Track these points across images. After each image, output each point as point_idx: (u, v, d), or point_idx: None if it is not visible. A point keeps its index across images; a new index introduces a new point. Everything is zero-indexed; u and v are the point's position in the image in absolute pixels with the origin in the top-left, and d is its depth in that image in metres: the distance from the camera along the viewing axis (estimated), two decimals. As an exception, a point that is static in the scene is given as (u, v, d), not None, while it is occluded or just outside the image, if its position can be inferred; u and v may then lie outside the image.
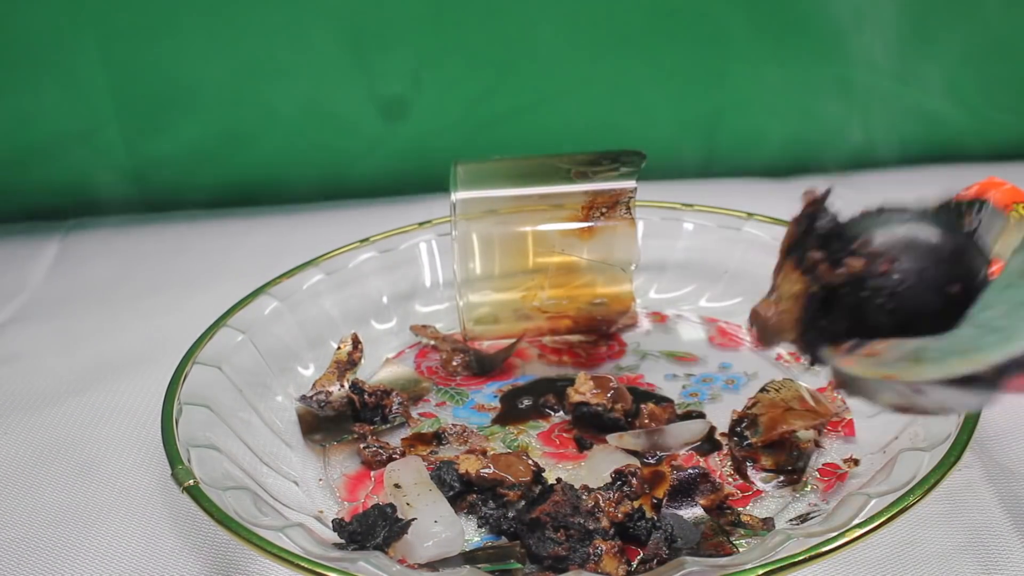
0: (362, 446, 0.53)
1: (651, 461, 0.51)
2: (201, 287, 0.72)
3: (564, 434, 0.54)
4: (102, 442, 0.56)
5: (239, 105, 0.81)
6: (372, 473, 0.52)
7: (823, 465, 0.50)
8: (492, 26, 0.78)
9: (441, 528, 0.45)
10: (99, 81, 0.78)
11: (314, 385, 0.57)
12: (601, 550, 0.44)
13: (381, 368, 0.60)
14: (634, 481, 0.47)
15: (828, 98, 0.82)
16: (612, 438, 0.51)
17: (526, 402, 0.57)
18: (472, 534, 0.47)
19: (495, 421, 0.55)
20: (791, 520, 0.47)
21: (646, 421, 0.53)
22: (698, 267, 0.66)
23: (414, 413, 0.56)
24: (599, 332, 0.61)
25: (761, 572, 0.38)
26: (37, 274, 0.77)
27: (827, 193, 0.41)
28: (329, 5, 0.77)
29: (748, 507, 0.48)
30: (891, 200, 0.41)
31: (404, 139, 0.82)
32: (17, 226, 0.83)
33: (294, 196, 0.84)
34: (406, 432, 0.55)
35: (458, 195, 0.58)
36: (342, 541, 0.45)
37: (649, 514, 0.46)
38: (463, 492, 0.49)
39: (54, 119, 0.80)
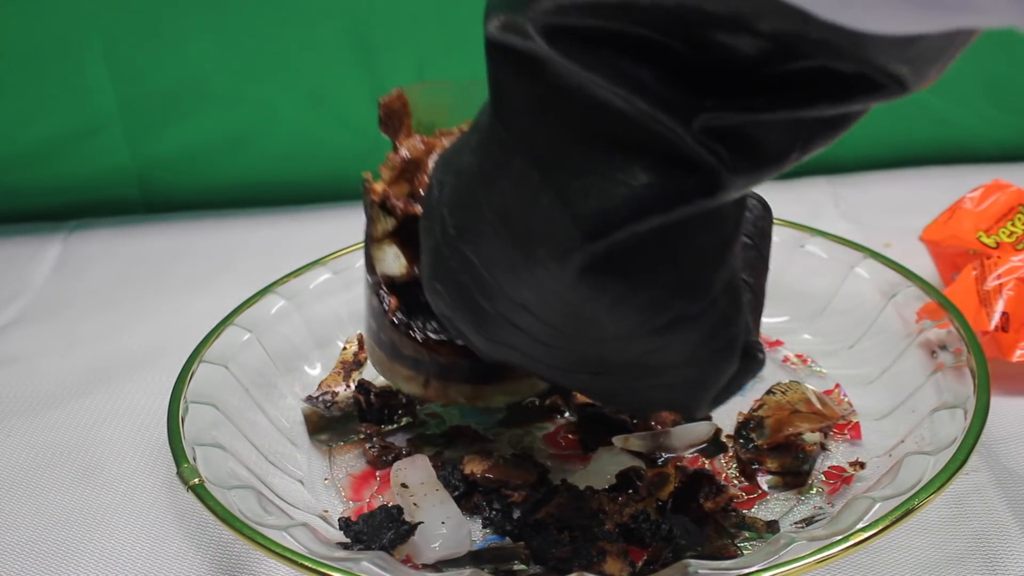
0: (368, 446, 0.53)
1: (657, 463, 0.50)
2: (204, 289, 0.72)
3: (569, 435, 0.54)
4: (105, 444, 0.56)
5: (242, 105, 0.80)
6: (378, 473, 0.51)
7: (829, 468, 0.50)
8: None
9: (448, 529, 0.45)
10: (102, 81, 0.78)
11: (320, 385, 0.57)
12: (605, 552, 0.44)
13: (387, 369, 0.60)
14: (639, 483, 0.47)
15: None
16: (618, 440, 0.51)
17: (532, 403, 0.57)
18: (476, 535, 0.47)
19: (500, 422, 0.55)
20: (796, 523, 0.47)
21: (652, 423, 0.53)
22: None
23: (420, 414, 0.56)
24: None
25: (766, 575, 0.38)
26: (39, 275, 0.77)
27: None
28: (332, 5, 0.77)
29: (753, 510, 0.48)
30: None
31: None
32: (19, 227, 0.83)
33: (297, 196, 0.84)
34: (412, 433, 0.54)
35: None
36: (347, 540, 0.45)
37: (653, 516, 0.46)
38: (468, 493, 0.48)
39: (56, 119, 0.80)
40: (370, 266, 0.49)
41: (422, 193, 0.48)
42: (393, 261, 0.49)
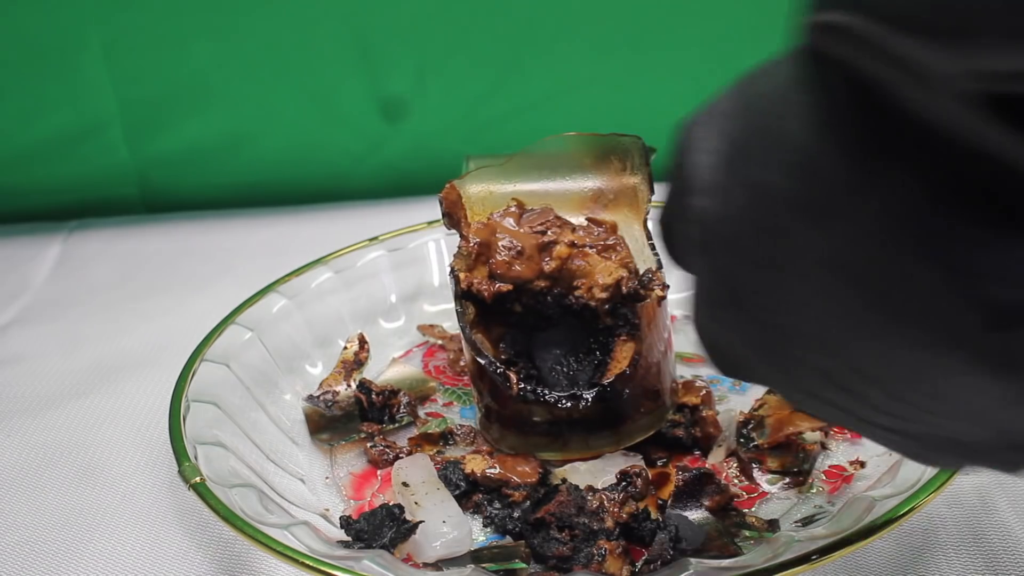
0: (369, 445, 0.53)
1: (657, 463, 0.51)
2: (204, 288, 0.72)
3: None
4: (106, 444, 0.56)
5: (242, 105, 0.81)
6: (379, 472, 0.51)
7: (829, 467, 0.50)
8: (496, 25, 0.78)
9: (449, 528, 0.45)
10: (102, 81, 0.78)
11: (321, 384, 0.57)
12: (605, 550, 0.44)
13: (388, 367, 0.60)
14: (639, 482, 0.47)
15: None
16: None
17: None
18: (477, 534, 0.47)
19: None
20: (796, 522, 0.46)
21: (710, 429, 0.52)
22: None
23: (421, 413, 0.56)
24: None
25: (766, 575, 0.38)
26: (39, 275, 0.77)
27: None
28: (333, 5, 0.77)
29: (753, 509, 0.48)
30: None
31: (408, 139, 0.82)
32: (19, 227, 0.83)
33: (297, 196, 0.84)
34: (413, 432, 0.54)
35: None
36: (347, 539, 0.45)
37: (654, 515, 0.46)
38: (468, 492, 0.49)
39: (56, 119, 0.80)
40: (478, 351, 0.50)
41: (498, 272, 0.49)
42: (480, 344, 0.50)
